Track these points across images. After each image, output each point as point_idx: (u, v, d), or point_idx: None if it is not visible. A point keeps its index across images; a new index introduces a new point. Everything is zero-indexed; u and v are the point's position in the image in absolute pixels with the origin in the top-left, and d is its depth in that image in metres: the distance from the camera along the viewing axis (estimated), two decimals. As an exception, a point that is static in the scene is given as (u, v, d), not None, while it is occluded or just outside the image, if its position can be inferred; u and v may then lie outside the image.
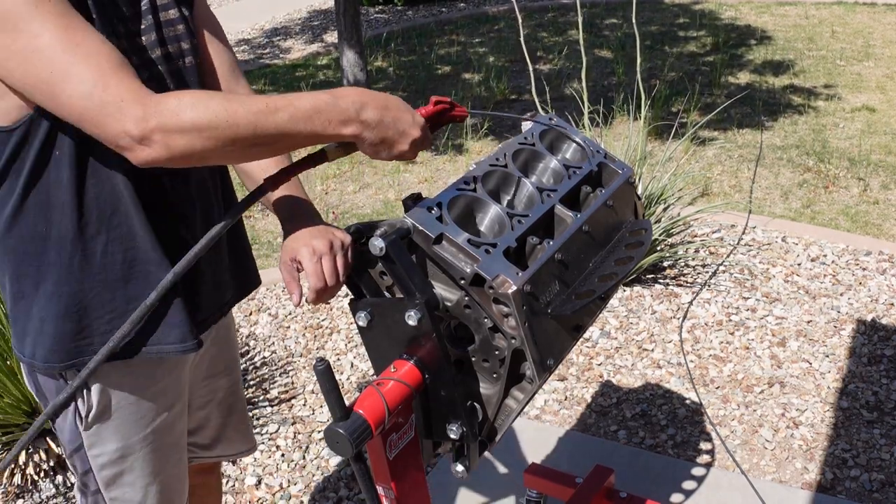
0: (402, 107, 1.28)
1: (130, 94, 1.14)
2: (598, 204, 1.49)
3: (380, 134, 1.25)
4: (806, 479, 2.58)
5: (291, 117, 1.18)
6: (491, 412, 1.34)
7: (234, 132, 1.15)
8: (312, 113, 1.20)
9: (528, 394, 1.33)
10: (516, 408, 1.35)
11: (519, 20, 4.13)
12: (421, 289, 1.24)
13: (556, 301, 1.32)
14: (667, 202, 3.65)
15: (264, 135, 1.17)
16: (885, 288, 3.52)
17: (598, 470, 2.18)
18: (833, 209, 4.29)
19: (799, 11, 7.98)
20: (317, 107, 1.20)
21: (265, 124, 1.17)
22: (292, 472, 2.73)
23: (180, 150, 1.14)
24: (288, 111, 1.18)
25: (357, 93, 1.25)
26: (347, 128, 1.23)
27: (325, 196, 4.75)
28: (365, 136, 1.25)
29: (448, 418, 1.32)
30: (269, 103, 1.17)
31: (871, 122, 5.35)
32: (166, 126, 1.13)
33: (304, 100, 1.20)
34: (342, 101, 1.22)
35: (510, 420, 1.36)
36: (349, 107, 1.22)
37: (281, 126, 1.18)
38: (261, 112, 1.16)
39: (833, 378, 3.00)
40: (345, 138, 1.25)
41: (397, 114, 1.27)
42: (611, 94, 5.93)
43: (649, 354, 3.19)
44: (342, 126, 1.22)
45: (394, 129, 1.26)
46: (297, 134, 1.20)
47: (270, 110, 1.17)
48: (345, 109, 1.22)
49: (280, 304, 3.67)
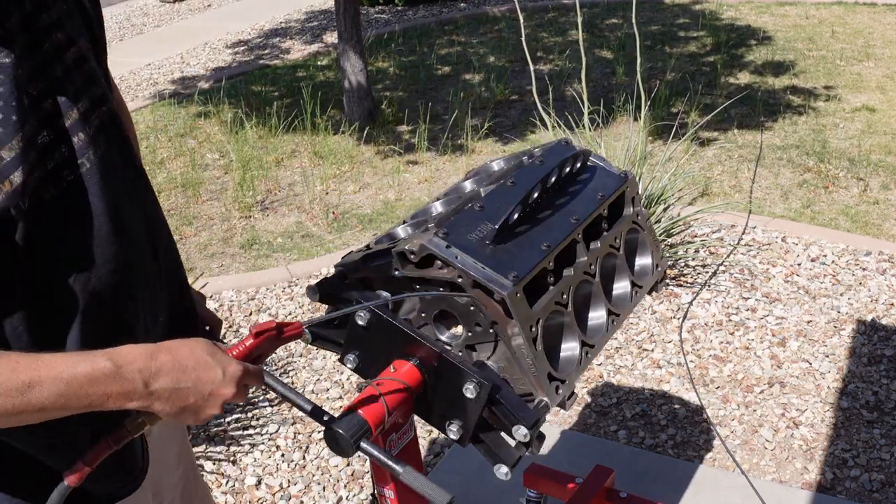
0: (205, 364, 1.03)
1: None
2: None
3: (178, 403, 1.02)
4: (806, 479, 2.58)
5: (59, 394, 0.94)
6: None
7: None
8: (87, 385, 0.96)
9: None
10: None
11: (521, 20, 4.13)
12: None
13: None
14: (667, 202, 3.65)
15: (26, 415, 0.94)
16: (885, 288, 3.52)
17: (598, 470, 2.18)
18: (833, 209, 4.29)
19: (799, 11, 7.98)
20: (92, 377, 0.96)
21: (26, 407, 0.93)
22: (292, 472, 2.73)
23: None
24: (54, 386, 0.94)
25: (145, 356, 1.00)
26: (132, 402, 0.99)
27: (325, 196, 4.75)
28: (157, 408, 1.02)
29: (512, 420, 1.29)
30: (31, 377, 0.93)
31: (871, 122, 5.35)
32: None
33: (77, 368, 0.95)
34: (126, 371, 0.98)
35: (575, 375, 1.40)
36: (134, 377, 0.98)
37: (46, 406, 0.94)
38: (20, 391, 0.92)
39: (833, 378, 3.00)
40: (131, 409, 1.02)
41: (200, 374, 1.03)
42: (611, 94, 5.93)
43: (649, 354, 3.19)
44: (125, 400, 0.99)
45: (196, 395, 1.03)
46: (66, 410, 0.96)
47: (32, 387, 0.93)
48: (129, 381, 0.98)
49: (280, 303, 3.67)
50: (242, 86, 6.81)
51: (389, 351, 1.34)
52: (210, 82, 7.00)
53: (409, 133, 5.60)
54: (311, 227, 4.45)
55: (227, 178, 5.07)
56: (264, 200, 4.76)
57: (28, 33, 1.06)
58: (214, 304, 3.68)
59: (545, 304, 1.35)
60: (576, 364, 1.35)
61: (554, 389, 1.27)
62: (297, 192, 4.83)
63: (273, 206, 4.69)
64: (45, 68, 1.07)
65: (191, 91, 6.77)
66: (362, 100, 5.73)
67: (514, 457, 1.28)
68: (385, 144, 5.40)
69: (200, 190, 4.90)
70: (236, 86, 6.82)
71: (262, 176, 5.01)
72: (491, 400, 1.25)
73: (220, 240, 4.36)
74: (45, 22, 1.09)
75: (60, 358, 0.96)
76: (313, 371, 3.22)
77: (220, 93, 6.50)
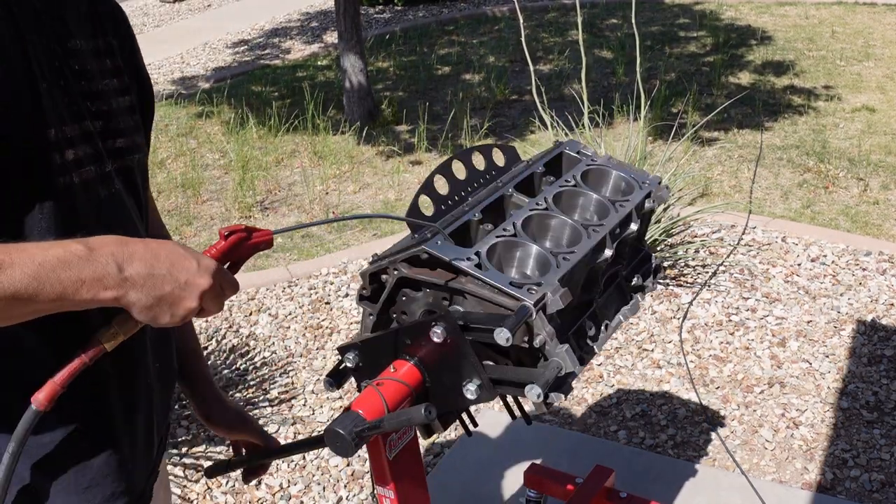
0: (179, 253, 1.00)
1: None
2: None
3: (152, 292, 0.97)
4: (806, 479, 2.58)
5: (31, 277, 0.89)
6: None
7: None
8: (59, 268, 0.91)
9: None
10: None
11: (520, 20, 4.13)
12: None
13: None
14: (667, 202, 3.65)
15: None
16: (885, 288, 3.52)
17: (598, 470, 2.18)
18: (833, 209, 4.29)
19: (799, 11, 7.98)
20: (65, 260, 0.91)
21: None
22: (292, 473, 2.73)
23: None
24: (26, 268, 0.89)
25: (117, 243, 0.96)
26: (106, 290, 0.94)
27: (325, 196, 4.75)
28: (131, 297, 0.96)
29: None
30: (3, 258, 0.89)
31: (871, 123, 5.35)
32: None
33: (49, 252, 0.91)
34: (98, 255, 0.93)
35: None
36: (107, 261, 0.94)
37: (19, 289, 0.89)
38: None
39: (833, 378, 3.01)
40: (104, 303, 0.95)
41: (174, 261, 0.98)
42: (611, 94, 5.93)
43: (649, 354, 3.19)
44: (98, 287, 0.93)
45: (172, 283, 0.98)
46: (39, 299, 0.91)
47: (4, 268, 0.88)
48: (102, 265, 0.93)
49: (280, 304, 3.67)
50: (242, 86, 6.81)
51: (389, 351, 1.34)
52: (210, 82, 7.01)
53: (408, 133, 5.60)
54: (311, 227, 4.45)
55: (227, 178, 5.07)
56: (264, 200, 4.76)
57: (89, 55, 1.11)
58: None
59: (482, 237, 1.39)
60: (549, 266, 1.33)
61: (526, 291, 1.25)
62: (297, 192, 4.84)
63: (273, 206, 4.69)
64: (101, 97, 1.11)
65: (191, 91, 6.77)
66: (362, 100, 5.74)
67: (545, 377, 1.24)
68: (385, 144, 5.40)
69: (200, 190, 4.90)
70: (236, 86, 6.82)
71: (262, 176, 5.01)
72: (465, 328, 1.24)
73: (220, 240, 4.36)
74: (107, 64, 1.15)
75: (33, 244, 0.93)
76: (313, 371, 3.22)
77: (221, 93, 6.51)
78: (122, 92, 1.17)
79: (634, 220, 1.53)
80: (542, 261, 1.35)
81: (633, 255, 1.65)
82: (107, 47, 1.15)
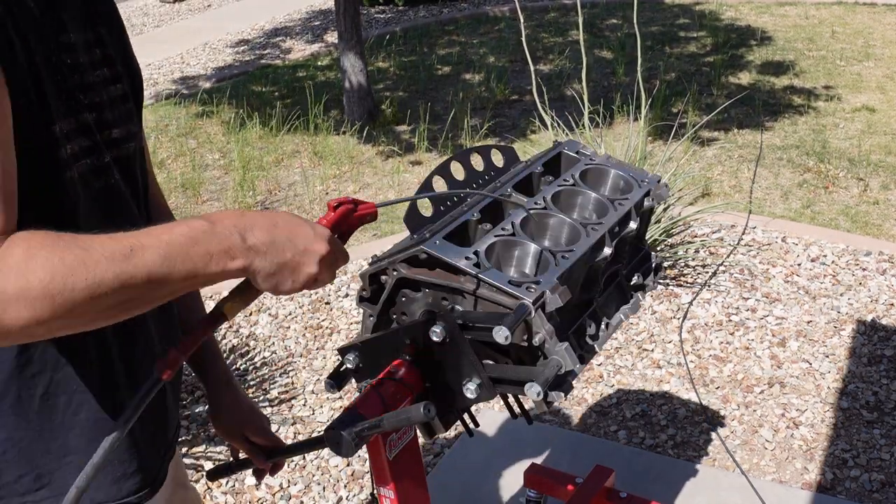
0: (295, 221, 1.02)
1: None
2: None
3: (275, 259, 0.99)
4: (806, 479, 2.58)
5: (163, 256, 0.91)
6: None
7: (94, 291, 0.87)
8: (188, 245, 0.93)
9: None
10: None
11: (521, 20, 4.13)
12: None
13: None
14: (667, 202, 3.65)
15: (133, 286, 0.89)
16: (885, 288, 3.52)
17: (598, 470, 2.18)
18: (833, 209, 4.29)
19: (799, 11, 7.98)
20: (192, 236, 0.93)
21: (133, 273, 0.89)
22: (292, 473, 2.73)
23: (20, 323, 0.84)
24: (157, 249, 0.91)
25: (236, 215, 0.99)
26: (234, 260, 0.96)
27: (325, 196, 4.75)
28: (257, 265, 0.98)
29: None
30: (133, 243, 0.90)
31: (871, 123, 5.35)
32: (5, 290, 0.83)
33: (174, 230, 0.94)
34: (221, 227, 0.96)
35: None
36: (231, 232, 0.96)
37: (153, 271, 0.90)
38: (126, 257, 0.88)
39: (833, 378, 3.01)
40: (233, 274, 0.98)
41: (292, 229, 1.01)
42: (611, 94, 5.93)
43: (649, 354, 3.19)
44: (226, 258, 0.95)
45: (292, 249, 1.00)
46: (171, 278, 0.92)
47: (136, 251, 0.89)
48: (226, 236, 0.95)
49: (280, 304, 3.67)
50: (243, 86, 6.81)
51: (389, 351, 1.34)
52: (210, 82, 7.01)
53: (409, 133, 5.60)
54: (312, 227, 4.45)
55: (227, 178, 5.07)
56: (265, 200, 4.76)
57: (82, 48, 1.10)
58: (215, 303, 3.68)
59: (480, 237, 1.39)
60: (548, 265, 1.33)
61: (525, 289, 1.25)
62: (298, 193, 4.84)
63: (273, 206, 4.69)
64: (93, 88, 1.10)
65: (191, 91, 6.77)
66: (362, 100, 5.74)
67: (544, 376, 1.24)
68: (385, 144, 5.40)
69: (201, 190, 4.90)
70: (237, 86, 6.82)
71: (262, 176, 5.01)
72: (464, 326, 1.24)
73: (220, 240, 4.36)
74: (98, 55, 1.14)
75: (155, 227, 0.94)
76: (313, 371, 3.22)
77: (221, 93, 6.51)
78: (113, 80, 1.16)
79: (633, 218, 1.53)
80: (541, 259, 1.35)
81: (633, 254, 1.65)
82: (97, 38, 1.15)
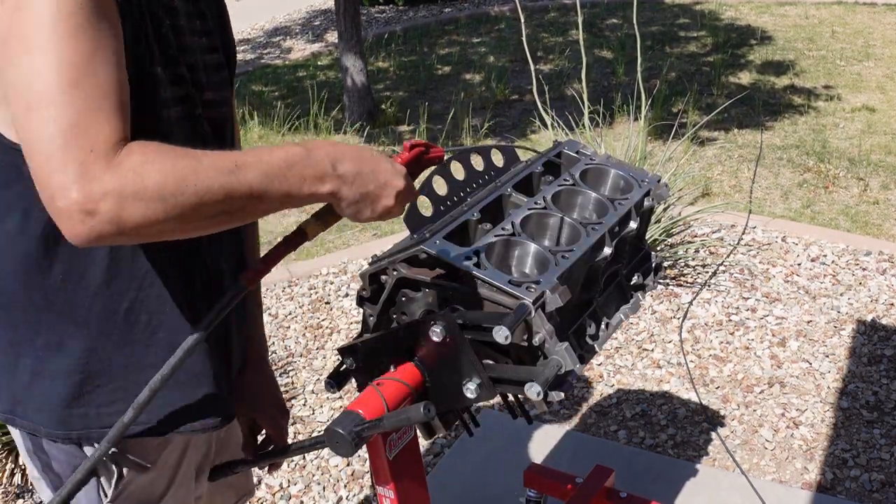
0: (378, 157, 1.13)
1: (105, 146, 0.93)
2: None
3: (359, 189, 1.10)
4: (806, 479, 2.58)
5: (263, 174, 1.01)
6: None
7: (201, 197, 0.96)
8: (285, 168, 1.03)
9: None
10: None
11: (521, 20, 4.13)
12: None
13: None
14: (667, 202, 3.65)
15: (236, 198, 0.99)
16: (885, 288, 3.52)
17: (598, 470, 2.18)
18: (833, 209, 4.29)
19: (799, 11, 7.98)
20: (289, 160, 1.04)
21: (237, 186, 0.99)
22: (292, 473, 2.73)
23: (135, 221, 0.93)
24: (259, 168, 1.01)
25: (329, 144, 1.10)
26: (324, 185, 1.06)
27: (325, 196, 4.75)
28: (343, 192, 1.09)
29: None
30: (238, 160, 1.01)
31: (871, 122, 5.35)
32: (123, 189, 0.92)
33: (273, 153, 1.04)
34: (315, 154, 1.06)
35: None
36: (323, 159, 1.06)
37: (253, 186, 1.00)
38: (231, 171, 0.99)
39: (833, 378, 3.01)
40: (321, 198, 1.09)
41: (375, 164, 1.12)
42: (611, 94, 5.93)
43: (649, 354, 3.19)
44: (318, 183, 1.06)
45: (374, 182, 1.11)
46: (269, 195, 1.02)
47: (240, 167, 1.00)
48: (319, 162, 1.06)
49: (280, 304, 3.67)
50: (243, 85, 6.81)
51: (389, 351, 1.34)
52: (210, 82, 7.00)
53: (409, 133, 5.60)
54: (312, 226, 4.45)
55: (227, 178, 5.06)
56: (264, 200, 4.76)
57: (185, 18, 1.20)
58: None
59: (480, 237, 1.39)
60: (548, 265, 1.33)
61: (525, 289, 1.25)
62: (298, 192, 4.83)
63: (273, 205, 4.69)
64: (190, 51, 1.20)
65: (191, 91, 6.77)
66: (362, 99, 5.74)
67: (544, 375, 1.24)
68: (385, 144, 5.40)
69: (200, 190, 4.90)
70: (237, 85, 6.82)
71: (262, 176, 5.01)
72: (464, 326, 1.24)
73: (220, 240, 4.36)
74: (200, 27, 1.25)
75: (256, 148, 1.05)
76: (313, 371, 3.22)
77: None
78: (210, 50, 1.27)
79: (633, 218, 1.53)
80: (541, 259, 1.35)
81: (633, 254, 1.65)
82: (199, 11, 1.24)
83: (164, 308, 1.19)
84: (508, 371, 1.27)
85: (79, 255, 1.12)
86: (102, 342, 1.17)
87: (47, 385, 1.18)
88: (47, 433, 1.20)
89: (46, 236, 1.11)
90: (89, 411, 1.19)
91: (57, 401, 1.18)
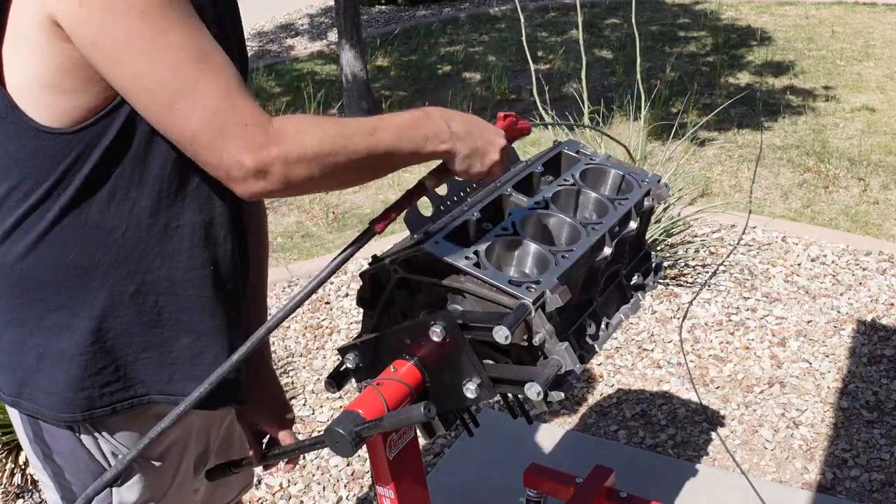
0: (480, 119, 1.27)
1: (254, 119, 1.05)
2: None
3: (470, 144, 1.24)
4: (806, 479, 2.58)
5: (395, 135, 1.16)
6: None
7: (350, 156, 1.12)
8: (412, 129, 1.18)
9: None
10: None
11: (521, 20, 4.13)
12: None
13: None
14: (667, 202, 3.65)
15: (375, 156, 1.15)
16: (885, 288, 3.52)
17: (598, 470, 2.18)
18: (833, 209, 4.29)
19: (799, 11, 7.98)
20: (414, 122, 1.19)
21: (377, 145, 1.14)
22: (292, 472, 2.73)
23: (299, 180, 1.08)
24: (391, 130, 1.16)
25: (440, 108, 1.24)
26: (443, 143, 1.21)
27: (325, 196, 4.75)
28: (458, 148, 1.23)
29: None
30: (374, 124, 1.15)
31: (871, 122, 5.35)
32: (288, 155, 1.06)
33: (401, 117, 1.19)
34: (432, 115, 1.21)
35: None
36: (438, 119, 1.21)
37: (389, 146, 1.15)
38: (370, 133, 1.14)
39: (833, 378, 3.00)
40: (439, 155, 1.23)
41: (480, 123, 1.26)
42: (611, 94, 5.93)
43: (649, 354, 3.19)
44: (437, 141, 1.20)
45: (482, 139, 1.25)
46: (401, 153, 1.17)
47: (378, 129, 1.15)
48: (436, 122, 1.21)
49: (280, 303, 3.67)
50: (243, 85, 6.81)
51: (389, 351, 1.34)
52: (210, 82, 7.00)
53: (409, 133, 5.60)
54: (311, 226, 4.45)
55: (227, 178, 5.06)
56: (264, 200, 4.76)
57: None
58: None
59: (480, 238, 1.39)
60: (548, 265, 1.32)
61: (525, 289, 1.25)
62: (297, 192, 4.83)
63: (273, 205, 4.69)
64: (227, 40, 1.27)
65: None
66: (362, 98, 5.73)
67: (544, 375, 1.24)
68: (385, 144, 5.40)
69: (200, 189, 4.90)
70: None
71: (262, 175, 5.00)
72: (464, 326, 1.23)
73: (220, 239, 4.36)
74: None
75: (383, 115, 1.18)
76: (313, 371, 3.22)
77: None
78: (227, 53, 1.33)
79: (634, 218, 1.53)
80: (541, 259, 1.35)
81: (633, 254, 1.65)
82: (217, 16, 1.27)
83: (172, 290, 1.21)
84: (508, 371, 1.27)
85: (88, 238, 1.14)
86: (109, 323, 1.18)
87: (54, 367, 1.19)
88: (52, 416, 1.21)
89: (61, 220, 1.14)
90: (93, 393, 1.20)
91: (64, 382, 1.19)
